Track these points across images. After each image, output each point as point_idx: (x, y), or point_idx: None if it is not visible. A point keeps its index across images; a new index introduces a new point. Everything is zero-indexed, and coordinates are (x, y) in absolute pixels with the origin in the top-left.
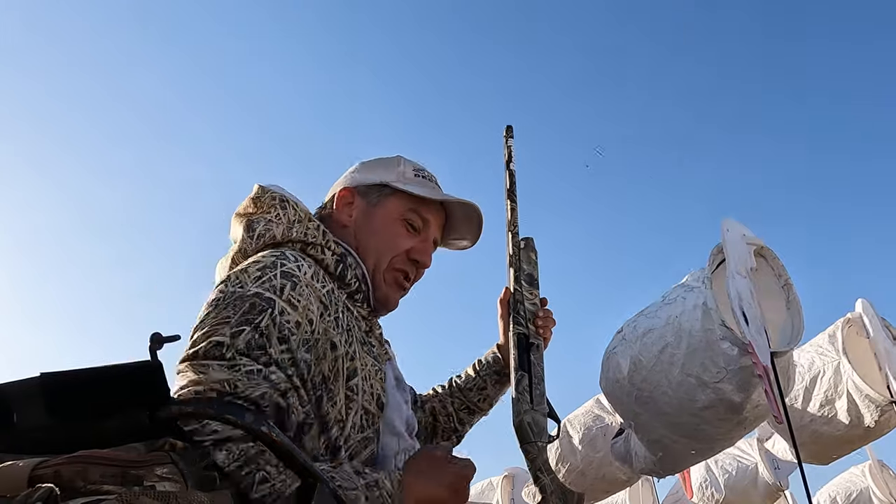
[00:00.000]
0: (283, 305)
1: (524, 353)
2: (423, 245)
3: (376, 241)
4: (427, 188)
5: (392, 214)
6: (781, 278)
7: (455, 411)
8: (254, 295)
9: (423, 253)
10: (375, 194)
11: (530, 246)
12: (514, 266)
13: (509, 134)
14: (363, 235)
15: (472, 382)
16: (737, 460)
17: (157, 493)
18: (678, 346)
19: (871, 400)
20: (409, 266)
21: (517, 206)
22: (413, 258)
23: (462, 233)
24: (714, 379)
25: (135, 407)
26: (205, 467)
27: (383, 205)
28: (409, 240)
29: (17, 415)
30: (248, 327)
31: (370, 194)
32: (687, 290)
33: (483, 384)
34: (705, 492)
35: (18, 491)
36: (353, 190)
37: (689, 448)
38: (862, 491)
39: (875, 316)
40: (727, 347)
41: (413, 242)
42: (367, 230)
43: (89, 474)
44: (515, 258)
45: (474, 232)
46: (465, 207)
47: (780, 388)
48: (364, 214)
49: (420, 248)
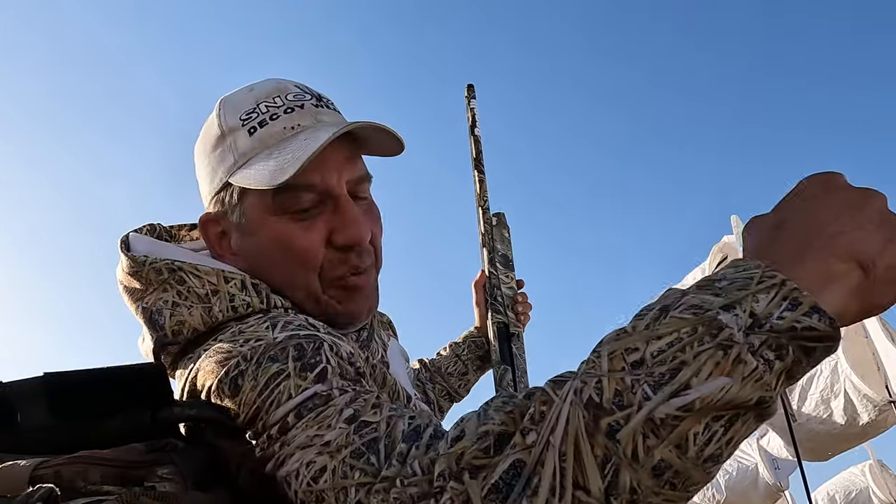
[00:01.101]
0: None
1: (505, 344)
2: (333, 222)
3: (283, 271)
4: (275, 149)
5: (270, 225)
6: None
7: (436, 398)
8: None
9: (340, 231)
10: (234, 209)
11: (502, 222)
12: (488, 246)
13: (471, 94)
14: (266, 270)
15: (454, 367)
16: (737, 461)
17: (157, 494)
18: None
19: (869, 399)
20: (343, 259)
21: (485, 176)
22: (338, 246)
23: (374, 145)
24: None
25: (137, 408)
26: (205, 468)
27: (250, 218)
28: (310, 234)
29: (21, 415)
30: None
31: (229, 212)
32: None
33: (465, 369)
34: (706, 492)
35: (19, 491)
36: (213, 218)
37: None
38: (861, 490)
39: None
40: None
41: (317, 234)
42: (263, 263)
43: (90, 474)
44: (488, 237)
45: (389, 140)
46: (353, 131)
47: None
48: (243, 243)
49: (337, 229)
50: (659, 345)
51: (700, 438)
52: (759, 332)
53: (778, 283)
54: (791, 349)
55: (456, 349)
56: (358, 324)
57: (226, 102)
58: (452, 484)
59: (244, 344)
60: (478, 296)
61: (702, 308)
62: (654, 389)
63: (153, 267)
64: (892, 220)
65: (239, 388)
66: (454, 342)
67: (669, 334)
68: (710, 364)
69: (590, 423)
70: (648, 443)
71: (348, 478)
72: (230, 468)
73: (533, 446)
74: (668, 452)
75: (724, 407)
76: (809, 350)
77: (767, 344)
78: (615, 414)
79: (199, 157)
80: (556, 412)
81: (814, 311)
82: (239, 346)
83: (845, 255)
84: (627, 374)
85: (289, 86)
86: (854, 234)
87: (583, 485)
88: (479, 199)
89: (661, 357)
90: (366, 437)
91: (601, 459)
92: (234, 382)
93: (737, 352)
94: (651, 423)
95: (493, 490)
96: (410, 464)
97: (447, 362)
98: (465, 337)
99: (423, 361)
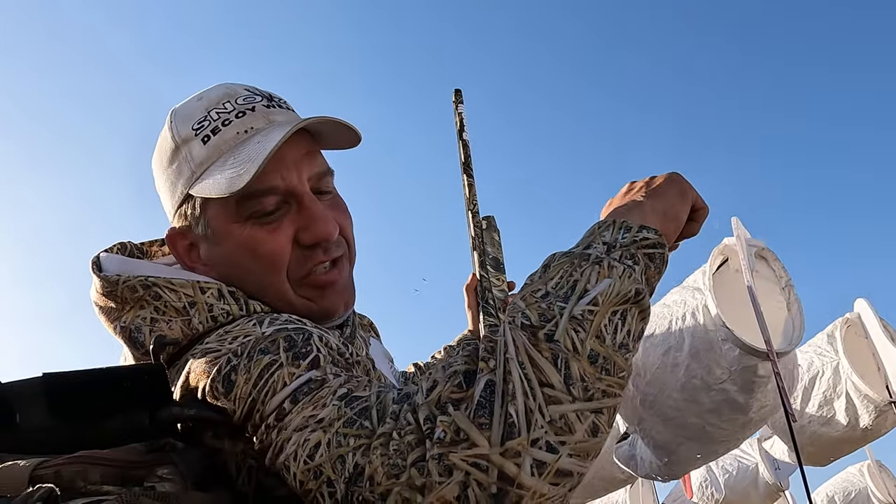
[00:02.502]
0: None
1: None
2: (299, 221)
3: (254, 277)
4: (230, 155)
5: (235, 233)
6: (782, 280)
7: None
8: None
9: (307, 229)
10: (198, 221)
11: (492, 225)
12: (478, 250)
13: (458, 99)
14: (238, 278)
15: None
16: (737, 460)
17: (157, 494)
18: (681, 349)
19: (870, 400)
20: (308, 256)
21: (475, 180)
22: (306, 245)
23: (330, 139)
24: (718, 380)
25: (136, 408)
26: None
27: (215, 227)
28: (277, 237)
29: (20, 415)
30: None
31: (193, 224)
32: (688, 292)
33: None
34: (705, 491)
35: (19, 491)
36: (179, 232)
37: (695, 451)
38: (860, 490)
39: (874, 316)
40: (728, 349)
41: (283, 236)
42: (233, 271)
43: (89, 474)
44: (478, 240)
45: (345, 132)
46: (311, 126)
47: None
48: (212, 253)
49: (303, 227)
50: (554, 280)
51: (609, 328)
52: (614, 251)
53: (610, 222)
54: (640, 256)
55: (450, 352)
56: (336, 319)
57: (176, 114)
58: (441, 418)
59: (233, 342)
60: (469, 299)
61: (571, 254)
62: (564, 301)
63: (127, 285)
64: (684, 187)
65: (233, 383)
66: (449, 345)
67: (558, 273)
68: (594, 274)
69: (531, 337)
70: (580, 336)
71: (342, 446)
72: (230, 469)
73: (496, 367)
74: (594, 342)
75: (616, 301)
76: (651, 255)
77: (622, 255)
78: (546, 325)
79: (157, 172)
80: (502, 341)
81: (642, 229)
82: (228, 344)
83: (662, 206)
84: (542, 302)
85: (238, 89)
86: (662, 194)
87: (546, 381)
88: (468, 202)
89: (559, 284)
90: (357, 408)
91: (551, 358)
92: (228, 379)
93: (607, 262)
94: (575, 321)
95: (478, 410)
96: (404, 416)
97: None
98: (458, 340)
99: (417, 365)
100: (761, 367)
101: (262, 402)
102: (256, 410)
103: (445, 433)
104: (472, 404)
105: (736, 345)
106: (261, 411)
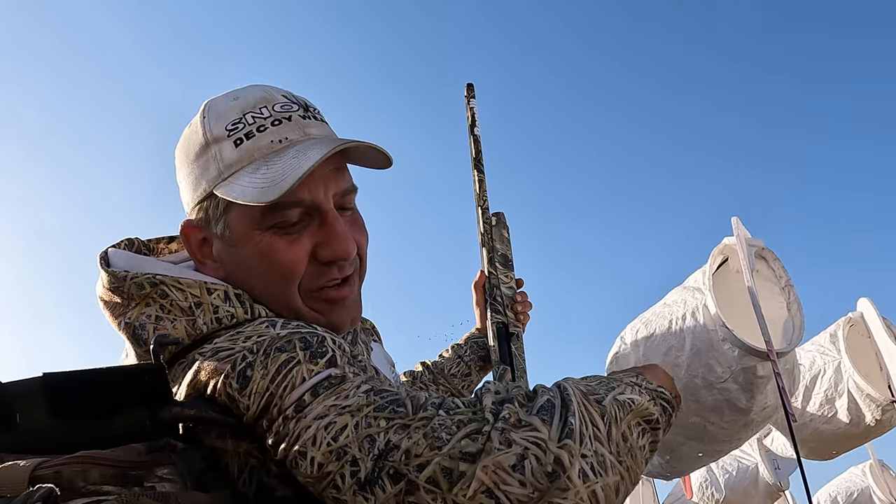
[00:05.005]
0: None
1: (504, 344)
2: (319, 236)
3: (264, 283)
4: (262, 163)
5: (255, 239)
6: (782, 279)
7: None
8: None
9: (326, 246)
10: (218, 220)
11: (502, 222)
12: (487, 246)
13: (470, 93)
14: (246, 281)
15: (457, 368)
16: (737, 460)
17: (157, 494)
18: (682, 349)
19: (872, 399)
20: (322, 271)
21: (485, 176)
22: (322, 261)
23: (362, 157)
24: (719, 380)
25: (136, 408)
26: (205, 468)
27: (234, 230)
28: (296, 249)
29: (20, 415)
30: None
31: (212, 222)
32: (688, 291)
33: (468, 370)
34: (705, 491)
35: (19, 491)
36: (195, 226)
37: (697, 450)
38: (862, 490)
39: (877, 315)
40: (728, 348)
41: (302, 249)
42: (244, 274)
43: (89, 475)
44: (487, 237)
45: (377, 154)
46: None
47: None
48: (226, 253)
49: (322, 244)
50: (594, 383)
51: (635, 430)
52: (641, 385)
53: (634, 374)
54: (658, 401)
55: (458, 350)
56: (342, 334)
57: (210, 110)
58: (508, 405)
59: (246, 340)
60: (478, 296)
61: (601, 376)
62: (608, 390)
63: (134, 282)
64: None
65: (248, 378)
66: (456, 343)
67: (595, 380)
68: (629, 387)
69: (584, 395)
70: (619, 415)
71: (373, 427)
72: (230, 469)
73: (555, 395)
74: (626, 429)
75: (641, 413)
76: (665, 408)
77: (648, 389)
78: (595, 395)
79: (181, 162)
80: (559, 384)
81: (659, 386)
82: (241, 342)
83: (664, 372)
84: (587, 385)
85: (275, 95)
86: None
87: (595, 423)
88: (478, 198)
89: (600, 383)
90: (387, 398)
91: (599, 413)
92: (243, 374)
93: (638, 387)
94: (617, 402)
95: (541, 410)
96: (450, 402)
97: (450, 364)
98: (466, 338)
99: (425, 364)
100: (761, 367)
101: (279, 397)
102: (274, 405)
103: (510, 416)
104: (536, 406)
105: (735, 345)
106: (278, 405)
